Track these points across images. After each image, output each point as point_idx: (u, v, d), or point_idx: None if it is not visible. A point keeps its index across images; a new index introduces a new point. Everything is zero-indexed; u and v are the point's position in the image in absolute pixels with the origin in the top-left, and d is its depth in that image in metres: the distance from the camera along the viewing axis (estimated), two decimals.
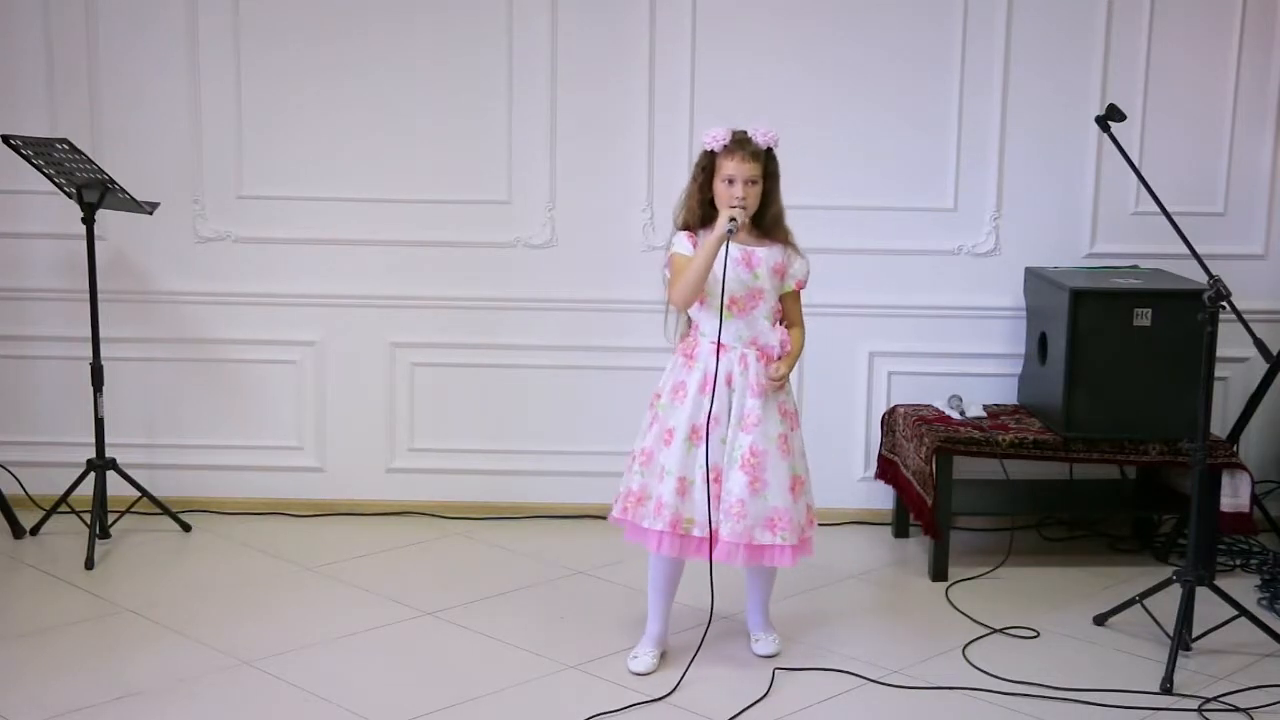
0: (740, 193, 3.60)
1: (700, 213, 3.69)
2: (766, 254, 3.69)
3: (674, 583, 3.81)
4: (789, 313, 3.77)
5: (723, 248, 3.55)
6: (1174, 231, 3.98)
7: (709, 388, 3.63)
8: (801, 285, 3.76)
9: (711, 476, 3.63)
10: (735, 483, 3.64)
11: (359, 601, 4.24)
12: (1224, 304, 3.75)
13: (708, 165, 3.68)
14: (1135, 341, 4.44)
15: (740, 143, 3.64)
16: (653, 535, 3.67)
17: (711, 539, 3.62)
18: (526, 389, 5.02)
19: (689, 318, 3.75)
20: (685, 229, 3.71)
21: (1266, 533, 4.79)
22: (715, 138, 3.66)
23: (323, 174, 4.93)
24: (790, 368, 3.69)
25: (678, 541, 3.66)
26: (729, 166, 3.62)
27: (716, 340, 3.63)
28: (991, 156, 4.89)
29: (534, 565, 4.58)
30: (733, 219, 3.55)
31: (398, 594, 4.28)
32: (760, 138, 3.65)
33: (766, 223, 3.70)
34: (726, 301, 3.62)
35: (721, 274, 3.57)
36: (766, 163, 3.66)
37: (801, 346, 3.78)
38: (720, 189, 3.64)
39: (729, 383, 3.66)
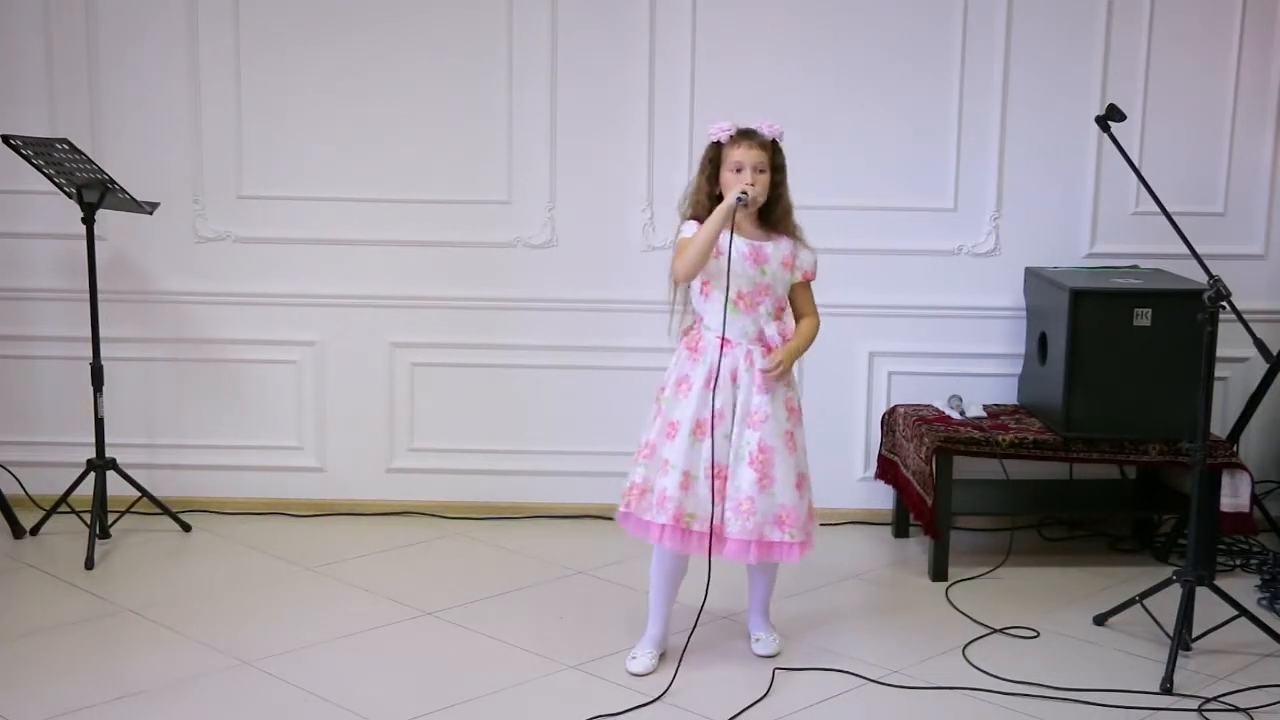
0: (749, 179, 3.60)
1: (709, 205, 3.67)
2: (775, 249, 3.69)
3: (676, 583, 3.80)
4: (800, 304, 3.76)
5: (727, 233, 3.55)
6: (1174, 231, 3.98)
7: (713, 383, 3.64)
8: (810, 276, 3.75)
9: (715, 472, 3.63)
10: (744, 479, 3.63)
11: (359, 601, 4.24)
12: (1224, 304, 3.75)
13: (715, 157, 3.68)
14: (1135, 341, 4.44)
15: (746, 133, 3.65)
16: (654, 528, 3.66)
17: (711, 535, 3.62)
18: (526, 389, 5.02)
19: (693, 312, 3.74)
20: (694, 219, 3.71)
21: (1266, 533, 4.79)
22: (721, 129, 3.66)
23: (322, 174, 4.93)
24: (790, 357, 3.66)
25: (679, 535, 3.65)
26: (736, 154, 3.62)
27: (721, 335, 3.63)
28: (991, 156, 4.89)
29: (534, 565, 4.58)
30: (744, 191, 3.55)
31: (398, 594, 4.28)
32: (766, 129, 3.65)
33: (775, 216, 3.70)
34: (733, 295, 3.61)
35: (729, 265, 3.56)
36: (773, 154, 3.66)
37: (811, 335, 3.74)
38: (728, 178, 3.63)
39: (734, 379, 3.65)
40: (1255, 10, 4.86)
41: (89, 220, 4.56)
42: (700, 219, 3.67)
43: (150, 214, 4.67)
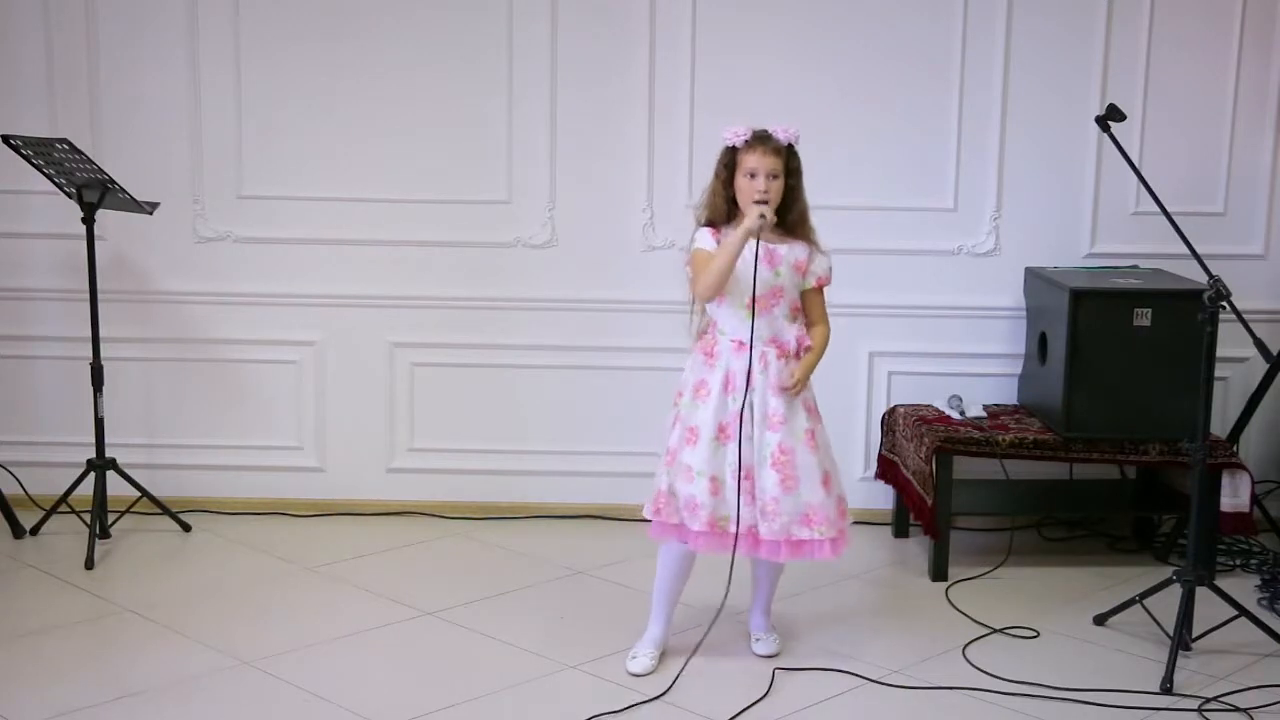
0: (762, 186, 3.59)
1: (725, 209, 3.68)
2: (789, 251, 3.68)
3: (682, 583, 3.81)
4: (811, 310, 3.75)
5: (750, 245, 3.55)
6: (1174, 231, 3.98)
7: (733, 386, 3.63)
8: (823, 282, 3.74)
9: (742, 474, 3.63)
10: (768, 481, 3.63)
11: (359, 601, 4.24)
12: (1224, 304, 3.75)
13: (730, 161, 3.67)
14: (1135, 341, 4.44)
15: (761, 138, 3.64)
16: (689, 533, 3.66)
17: (737, 535, 3.61)
18: (527, 389, 5.02)
19: (707, 316, 3.74)
20: (709, 225, 3.71)
21: (1266, 533, 4.79)
22: (736, 133, 3.65)
23: (323, 174, 4.93)
24: (807, 371, 3.68)
25: (716, 539, 3.64)
26: (750, 160, 3.62)
27: (749, 340, 3.61)
28: (991, 156, 4.89)
29: (534, 565, 4.58)
30: (762, 215, 3.55)
31: (398, 594, 4.28)
32: (781, 134, 3.65)
33: (791, 220, 3.69)
34: (746, 299, 3.61)
35: (752, 273, 3.57)
36: (788, 159, 3.65)
37: (824, 345, 3.74)
38: (742, 184, 3.63)
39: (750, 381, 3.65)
40: (1255, 11, 4.86)
41: (89, 220, 4.56)
42: (715, 224, 3.68)
43: (150, 214, 4.67)
